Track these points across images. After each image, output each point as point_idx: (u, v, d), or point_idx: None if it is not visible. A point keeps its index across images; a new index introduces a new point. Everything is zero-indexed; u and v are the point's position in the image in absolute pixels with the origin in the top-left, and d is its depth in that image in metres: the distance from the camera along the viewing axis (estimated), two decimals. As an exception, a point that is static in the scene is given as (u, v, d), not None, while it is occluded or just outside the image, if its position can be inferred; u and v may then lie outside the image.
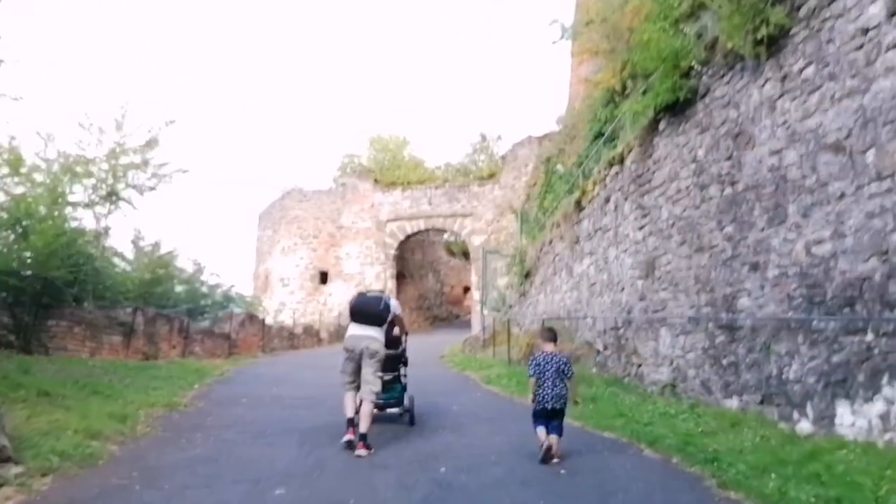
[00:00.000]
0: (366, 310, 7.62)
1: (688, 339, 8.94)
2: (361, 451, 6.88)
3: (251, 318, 21.11)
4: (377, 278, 31.51)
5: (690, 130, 9.14)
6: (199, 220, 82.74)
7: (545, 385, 6.55)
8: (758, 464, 5.83)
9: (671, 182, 9.56)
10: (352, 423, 7.23)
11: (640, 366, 10.24)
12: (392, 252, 31.79)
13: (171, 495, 5.39)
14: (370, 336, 7.50)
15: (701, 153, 8.83)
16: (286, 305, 31.99)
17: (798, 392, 6.74)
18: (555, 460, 6.31)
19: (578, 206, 13.16)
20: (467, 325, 32.37)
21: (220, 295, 22.59)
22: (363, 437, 7.02)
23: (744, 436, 6.93)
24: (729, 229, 8.09)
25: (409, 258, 35.10)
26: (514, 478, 5.99)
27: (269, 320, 29.43)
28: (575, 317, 13.17)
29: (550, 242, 15.06)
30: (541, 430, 6.47)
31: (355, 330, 7.58)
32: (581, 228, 13.09)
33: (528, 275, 16.95)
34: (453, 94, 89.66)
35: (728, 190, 8.19)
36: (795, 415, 6.78)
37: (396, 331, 8.40)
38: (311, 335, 25.50)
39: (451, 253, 40.43)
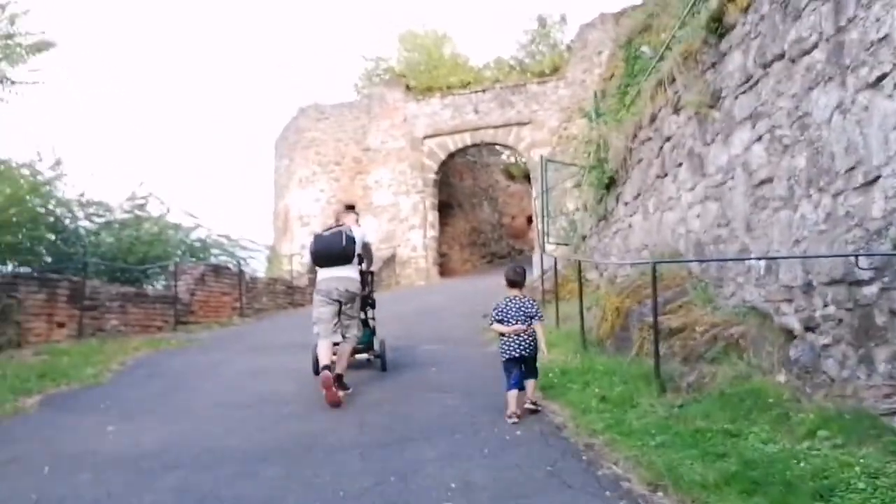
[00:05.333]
0: (329, 251, 7.10)
1: None
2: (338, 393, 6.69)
3: (217, 270, 15.07)
4: (414, 210, 25.11)
5: None
6: (208, 158, 75.37)
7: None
8: None
9: None
10: (328, 369, 6.68)
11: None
12: (432, 176, 25.26)
13: None
14: (347, 277, 7.11)
15: None
16: (307, 248, 26.03)
17: None
18: (528, 405, 5.78)
19: (716, 26, 6.39)
20: (531, 261, 25.76)
21: (186, 241, 16.66)
22: (339, 377, 6.85)
23: None
24: None
25: (455, 184, 28.54)
26: None
27: (294, 266, 23.74)
28: (715, 255, 6.58)
29: (653, 121, 8.32)
30: (512, 396, 5.71)
31: (327, 273, 7.11)
32: (722, 73, 6.36)
33: (610, 185, 10.26)
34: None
35: None
36: None
37: (363, 265, 7.78)
38: (321, 287, 19.52)
39: (511, 177, 33.56)
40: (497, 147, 31.79)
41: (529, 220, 34.44)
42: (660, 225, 8.10)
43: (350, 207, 8.20)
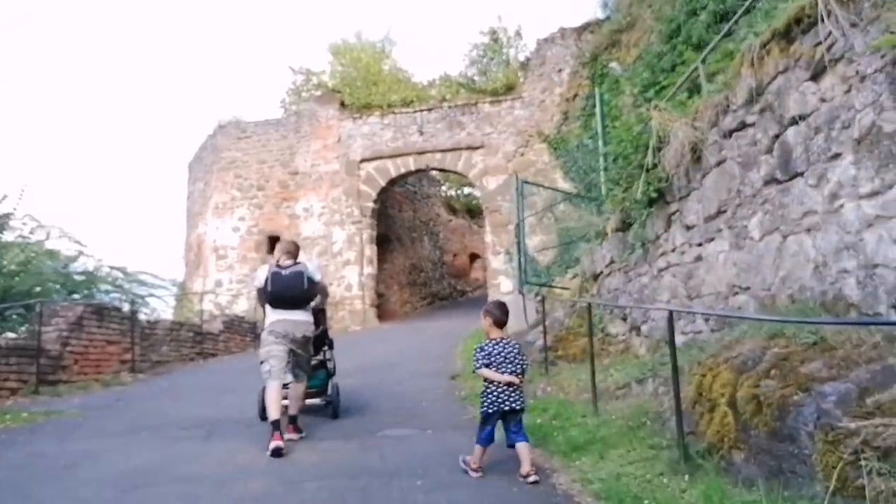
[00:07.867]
0: (291, 295, 6.53)
1: None
2: (292, 435, 6.33)
3: (101, 311, 11.53)
4: (350, 243, 21.92)
5: None
6: (110, 178, 69.57)
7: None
8: None
9: None
10: (277, 427, 5.98)
11: None
12: (370, 205, 22.16)
13: None
14: (303, 321, 6.64)
15: None
16: (223, 286, 22.47)
17: None
18: (531, 478, 4.71)
19: None
20: (477, 304, 22.70)
21: (65, 274, 13.03)
22: (293, 419, 6.54)
23: None
24: None
25: (395, 216, 25.51)
26: None
27: (206, 306, 20.08)
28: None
29: (758, 96, 5.48)
30: (478, 449, 5.05)
31: (282, 315, 6.54)
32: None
33: (654, 200, 7.42)
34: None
35: None
36: None
37: (317, 300, 7.14)
38: (239, 333, 16.02)
39: (453, 210, 30.88)
40: (438, 177, 29.08)
41: (472, 258, 31.69)
42: (780, 256, 5.27)
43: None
